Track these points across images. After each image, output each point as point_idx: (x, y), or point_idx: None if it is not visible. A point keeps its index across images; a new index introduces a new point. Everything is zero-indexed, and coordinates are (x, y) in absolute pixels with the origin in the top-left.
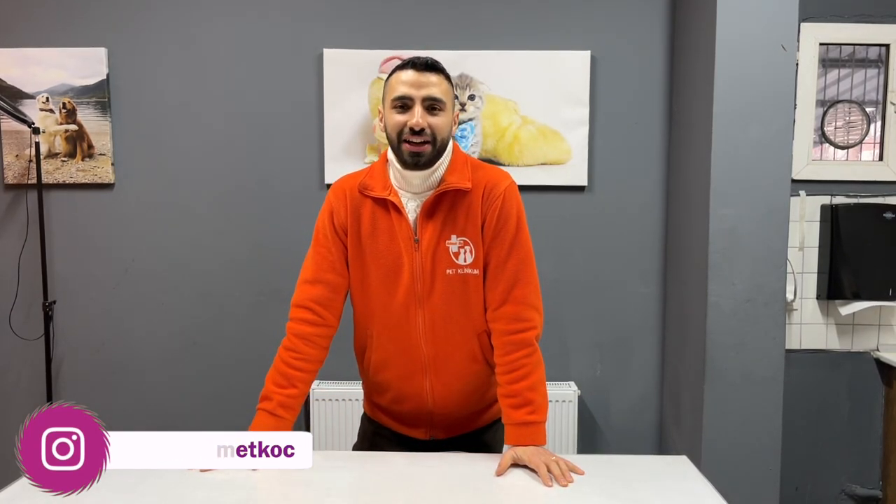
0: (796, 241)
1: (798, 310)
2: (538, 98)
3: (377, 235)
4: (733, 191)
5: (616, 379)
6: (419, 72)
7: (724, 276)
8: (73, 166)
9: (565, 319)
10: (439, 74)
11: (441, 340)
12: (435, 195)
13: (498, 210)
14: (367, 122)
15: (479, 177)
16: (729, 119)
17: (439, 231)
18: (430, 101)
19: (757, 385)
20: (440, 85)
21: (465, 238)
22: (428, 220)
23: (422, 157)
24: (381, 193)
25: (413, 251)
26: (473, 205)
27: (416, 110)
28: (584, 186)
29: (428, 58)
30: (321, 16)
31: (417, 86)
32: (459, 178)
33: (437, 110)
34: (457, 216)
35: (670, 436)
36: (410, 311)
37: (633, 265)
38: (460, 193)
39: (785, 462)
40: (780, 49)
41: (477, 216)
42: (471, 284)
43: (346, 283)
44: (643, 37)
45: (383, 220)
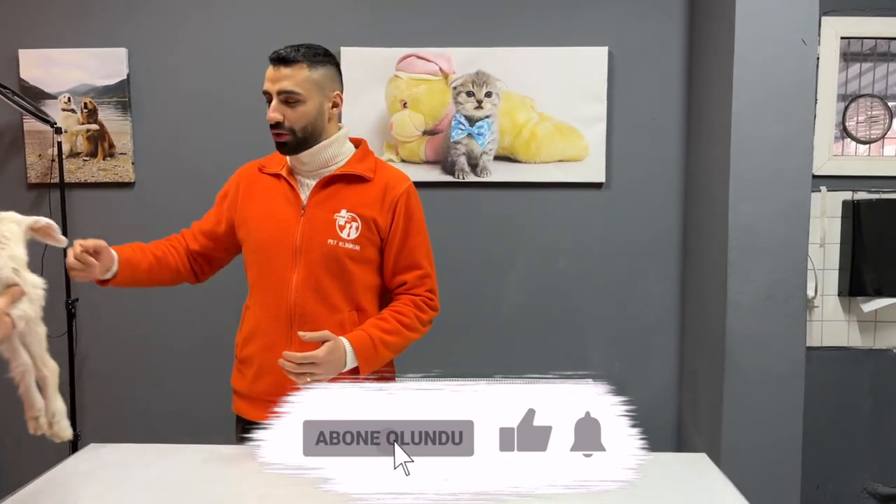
0: (817, 237)
1: (819, 307)
2: (555, 95)
3: (264, 204)
4: (753, 187)
5: (634, 376)
6: (273, 66)
7: (744, 273)
8: (95, 165)
9: (583, 316)
10: (292, 66)
11: (312, 307)
12: (332, 175)
13: (405, 204)
14: (384, 120)
15: (381, 170)
16: (748, 114)
17: (330, 202)
18: (284, 94)
19: (777, 382)
20: (294, 76)
21: (355, 214)
22: (320, 192)
23: (284, 147)
24: (275, 170)
25: (298, 218)
26: (374, 193)
27: (273, 104)
28: (602, 183)
29: (288, 49)
30: (338, 14)
31: (272, 80)
32: (363, 168)
33: (294, 102)
34: (353, 194)
35: (689, 434)
36: (286, 275)
37: (651, 262)
38: (360, 179)
39: (806, 460)
40: (800, 43)
41: (377, 203)
42: (350, 258)
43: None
44: (661, 32)
45: (272, 189)
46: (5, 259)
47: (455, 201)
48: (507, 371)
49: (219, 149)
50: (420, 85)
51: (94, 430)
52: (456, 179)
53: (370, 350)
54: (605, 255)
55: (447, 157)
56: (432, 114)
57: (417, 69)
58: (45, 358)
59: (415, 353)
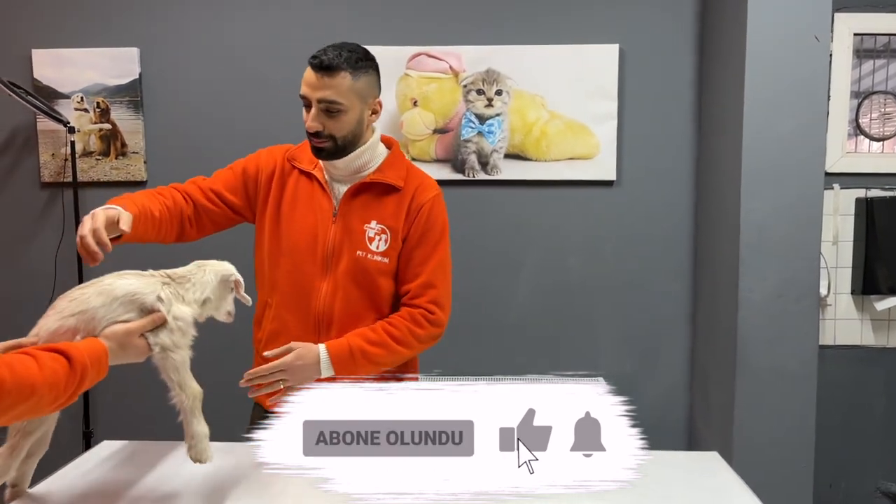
0: (830, 235)
1: (832, 305)
2: (566, 92)
3: (297, 206)
4: (764, 184)
5: (645, 374)
6: (316, 73)
7: (755, 272)
8: (107, 164)
9: (594, 315)
10: (336, 75)
11: (339, 316)
12: (364, 182)
13: (423, 210)
14: (395, 119)
15: (411, 177)
16: (760, 112)
17: (361, 212)
18: (326, 103)
19: (790, 381)
20: (337, 87)
21: (385, 226)
22: (351, 200)
23: (322, 153)
24: (307, 167)
25: (329, 224)
26: (402, 202)
27: (312, 112)
28: (613, 181)
29: (331, 55)
30: (348, 13)
31: (313, 87)
32: (395, 175)
33: (335, 112)
34: (383, 205)
35: (700, 432)
36: (315, 283)
37: (662, 260)
38: (391, 189)
39: (819, 459)
40: (812, 40)
41: (403, 212)
42: (379, 271)
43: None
44: (672, 29)
45: (305, 191)
46: (156, 286)
47: (465, 200)
48: (518, 369)
49: (230, 147)
50: (430, 83)
51: (107, 427)
52: (466, 178)
53: (346, 359)
54: (616, 253)
55: (457, 155)
56: (442, 112)
57: (428, 67)
58: (185, 383)
59: (429, 352)
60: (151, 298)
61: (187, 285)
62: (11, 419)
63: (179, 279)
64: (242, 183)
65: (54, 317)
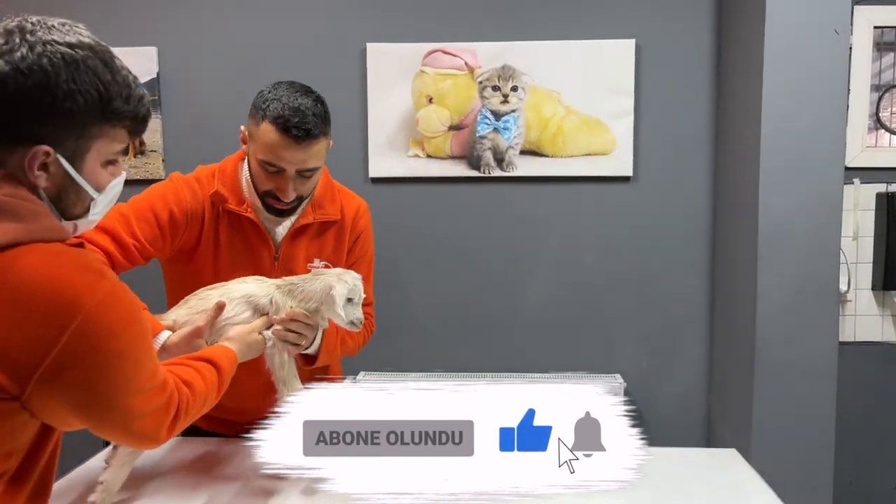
0: (850, 230)
1: (852, 301)
2: (582, 88)
3: (235, 247)
4: (783, 179)
5: (662, 371)
6: (298, 143)
7: (774, 267)
8: (126, 163)
9: (611, 312)
10: (317, 142)
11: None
12: (302, 225)
13: (362, 236)
14: (411, 116)
15: (345, 204)
16: (779, 106)
17: (303, 253)
18: (306, 171)
19: (809, 378)
20: (318, 153)
21: (329, 263)
22: (292, 242)
23: (283, 213)
24: (239, 209)
25: (272, 269)
26: (342, 234)
27: (288, 183)
28: (630, 177)
29: (311, 121)
30: (364, 11)
31: (293, 158)
32: (330, 209)
33: (310, 175)
34: (324, 241)
35: (718, 429)
36: None
37: (679, 256)
38: (330, 223)
39: (839, 457)
40: (832, 33)
41: (344, 243)
42: None
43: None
44: (689, 23)
45: (241, 233)
46: (270, 290)
47: (481, 196)
48: (534, 367)
49: None
50: (446, 80)
51: None
52: (482, 174)
53: (333, 340)
54: (633, 249)
55: (473, 151)
56: (458, 109)
57: (443, 64)
58: (288, 381)
59: (443, 348)
60: (265, 301)
61: (296, 292)
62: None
63: (291, 286)
64: (161, 233)
65: (185, 311)
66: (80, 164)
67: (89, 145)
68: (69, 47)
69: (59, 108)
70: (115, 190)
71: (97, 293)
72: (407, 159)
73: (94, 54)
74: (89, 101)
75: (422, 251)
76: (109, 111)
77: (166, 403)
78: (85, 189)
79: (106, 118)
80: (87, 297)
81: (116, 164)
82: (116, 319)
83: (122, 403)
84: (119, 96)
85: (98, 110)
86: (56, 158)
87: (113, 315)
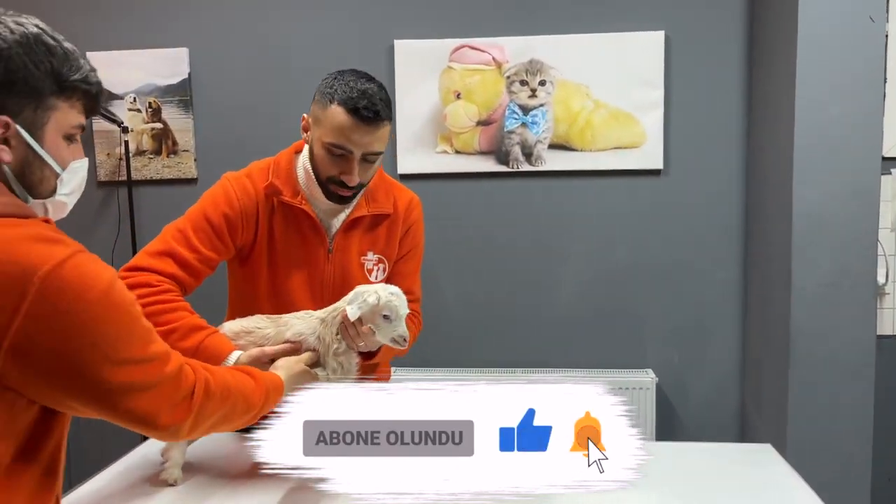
0: (888, 221)
1: (890, 294)
2: (610, 81)
3: (289, 240)
4: (818, 171)
5: (695, 366)
6: (364, 125)
7: (809, 260)
8: (159, 163)
9: (642, 306)
10: (383, 125)
11: None
12: (356, 217)
13: (412, 228)
14: (438, 112)
15: (398, 198)
16: (813, 96)
17: (356, 246)
18: (371, 155)
19: (846, 372)
20: (383, 137)
21: (382, 256)
22: (346, 234)
23: (344, 200)
24: (293, 200)
25: (325, 262)
26: (394, 227)
27: (354, 166)
28: (660, 170)
29: (378, 105)
30: (391, 8)
31: (360, 141)
32: (384, 201)
33: (373, 160)
34: (377, 234)
35: (752, 424)
36: None
37: (712, 249)
38: (382, 217)
39: (876, 451)
40: (868, 20)
41: (396, 236)
42: None
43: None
44: (719, 13)
45: (295, 225)
46: (315, 326)
47: (510, 191)
48: (565, 362)
49: (276, 145)
50: (473, 75)
51: None
52: (510, 169)
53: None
54: (665, 243)
55: (501, 146)
56: (486, 104)
57: (470, 60)
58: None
59: (471, 343)
60: (312, 340)
61: (336, 315)
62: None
63: (333, 314)
64: (219, 237)
65: (238, 326)
66: (41, 135)
67: (47, 116)
68: (20, 25)
69: (14, 76)
70: (80, 173)
71: (55, 256)
72: (435, 155)
73: (44, 32)
74: (43, 71)
75: (451, 247)
76: (63, 81)
77: (172, 382)
78: (49, 164)
79: (61, 89)
80: (45, 261)
81: (76, 142)
82: (81, 282)
83: (98, 373)
84: (71, 68)
85: (52, 80)
86: (16, 131)
87: (76, 278)
